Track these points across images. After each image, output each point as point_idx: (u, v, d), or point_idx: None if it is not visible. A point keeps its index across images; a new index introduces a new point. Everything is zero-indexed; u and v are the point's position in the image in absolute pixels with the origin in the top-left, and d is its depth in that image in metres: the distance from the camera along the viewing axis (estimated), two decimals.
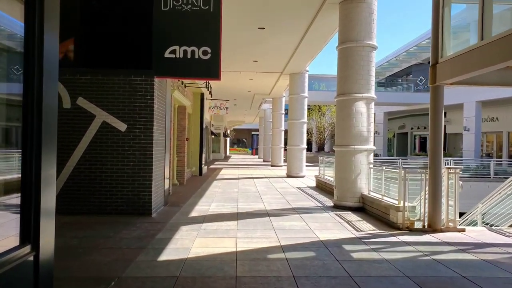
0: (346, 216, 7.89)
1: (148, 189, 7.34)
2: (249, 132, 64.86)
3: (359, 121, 8.65)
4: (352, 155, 8.68)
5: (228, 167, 23.85)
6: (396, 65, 35.10)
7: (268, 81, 19.23)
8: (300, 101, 16.93)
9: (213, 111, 17.50)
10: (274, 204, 9.30)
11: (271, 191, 11.91)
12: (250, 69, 16.33)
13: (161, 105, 8.02)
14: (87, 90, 7.30)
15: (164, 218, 7.33)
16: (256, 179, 15.69)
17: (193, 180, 14.77)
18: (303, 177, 16.86)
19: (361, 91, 8.61)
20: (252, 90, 22.63)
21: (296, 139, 16.92)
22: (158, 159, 7.80)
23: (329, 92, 32.05)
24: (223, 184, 13.48)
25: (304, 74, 16.93)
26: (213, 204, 9.14)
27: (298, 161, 16.90)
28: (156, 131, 7.56)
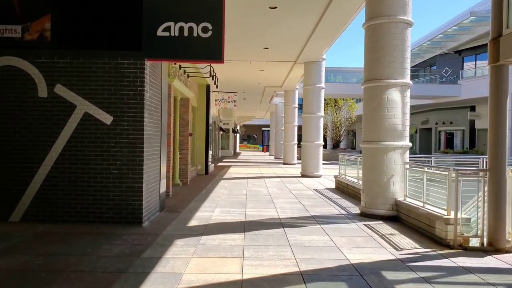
0: (379, 228, 6.52)
1: (138, 193, 6.09)
2: (260, 128, 63.54)
3: (392, 112, 7.25)
4: (383, 153, 7.29)
5: (237, 165, 22.61)
6: (418, 56, 33.22)
7: (280, 72, 17.85)
8: (316, 92, 15.51)
9: (220, 105, 16.22)
10: (289, 210, 7.98)
11: (284, 193, 10.58)
12: (261, 57, 14.97)
13: (155, 94, 6.75)
14: (66, 75, 6.06)
15: (157, 228, 6.07)
16: (267, 179, 14.38)
17: (198, 180, 13.52)
18: (319, 177, 15.48)
19: (394, 75, 7.21)
20: (263, 82, 21.27)
21: (311, 135, 15.54)
22: (151, 157, 6.54)
23: (346, 85, 30.51)
24: (231, 185, 12.20)
25: (321, 63, 15.50)
26: (218, 209, 7.86)
27: (314, 159, 15.52)
28: (148, 124, 6.29)
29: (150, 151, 6.48)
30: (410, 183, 7.29)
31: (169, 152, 9.27)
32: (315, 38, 11.82)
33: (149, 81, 6.34)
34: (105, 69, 6.04)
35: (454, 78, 26.92)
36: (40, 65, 6.05)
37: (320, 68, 15.55)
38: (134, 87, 6.05)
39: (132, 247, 5.13)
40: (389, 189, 7.29)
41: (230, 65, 16.29)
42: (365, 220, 7.18)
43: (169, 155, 9.25)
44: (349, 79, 36.54)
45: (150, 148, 6.44)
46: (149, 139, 6.40)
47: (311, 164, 15.52)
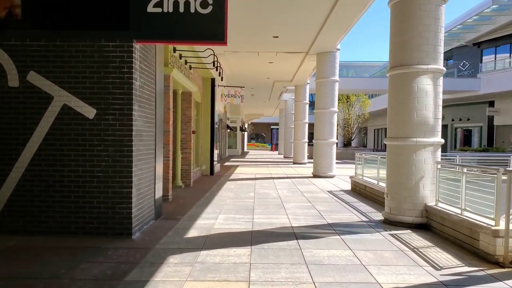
0: (408, 239, 5.53)
1: (127, 200, 5.18)
2: (268, 126, 62.48)
3: (423, 103, 6.24)
4: (412, 151, 6.28)
5: (245, 165, 21.68)
6: None
7: (290, 65, 16.85)
8: (330, 86, 14.48)
9: (226, 100, 15.28)
10: (302, 217, 7.01)
11: (296, 196, 9.61)
12: (270, 48, 13.99)
13: (148, 84, 5.84)
14: (41, 61, 5.18)
15: (149, 241, 5.16)
16: (276, 180, 13.41)
17: (202, 181, 12.62)
18: (332, 177, 14.46)
19: (426, 60, 6.20)
20: (272, 77, 20.29)
21: (324, 132, 14.51)
22: (143, 158, 5.63)
23: (360, 79, 29.34)
24: (237, 187, 11.26)
25: (335, 54, 14.45)
26: (221, 216, 6.92)
27: (327, 159, 14.50)
28: (138, 118, 5.38)
29: (142, 150, 5.57)
30: (441, 186, 6.28)
31: (168, 151, 8.37)
32: (329, 24, 10.80)
33: (140, 67, 5.42)
34: (87, 53, 5.14)
35: (473, 71, 25.59)
36: (9, 49, 5.18)
37: (334, 60, 14.51)
38: (121, 74, 5.14)
39: (115, 267, 4.23)
40: (418, 192, 6.29)
41: (237, 57, 15.34)
42: (390, 228, 6.19)
43: (168, 154, 8.35)
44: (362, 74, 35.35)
45: (141, 146, 5.53)
46: (140, 136, 5.49)
47: (324, 164, 14.51)
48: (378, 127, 44.16)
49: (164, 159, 8.29)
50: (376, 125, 42.49)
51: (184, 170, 10.98)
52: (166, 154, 8.32)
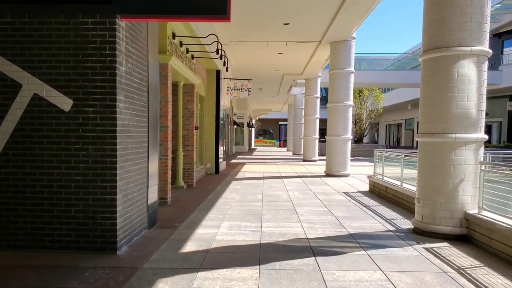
0: (449, 255, 4.57)
1: (110, 208, 4.31)
2: (276, 122, 61.52)
3: (464, 92, 5.25)
4: (450, 149, 5.31)
5: (252, 162, 20.77)
6: None
7: (301, 56, 15.85)
8: (345, 77, 13.46)
9: (232, 94, 14.37)
10: (318, 225, 6.07)
11: (309, 198, 8.67)
12: (279, 37, 13.02)
13: (138, 71, 4.95)
14: (5, 42, 4.31)
15: (138, 258, 4.28)
16: (286, 179, 12.48)
17: (206, 180, 11.74)
18: (347, 176, 13.48)
19: (469, 41, 5.21)
20: (281, 70, 19.31)
21: (338, 128, 13.52)
22: (131, 158, 4.74)
23: (373, 72, 28.14)
24: (244, 187, 10.36)
25: (350, 43, 13.43)
26: (225, 223, 6.02)
27: (341, 156, 13.51)
28: (124, 110, 4.49)
29: (130, 149, 4.69)
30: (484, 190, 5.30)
31: (167, 149, 7.49)
32: (346, 8, 9.79)
33: (126, 50, 4.53)
34: (61, 31, 4.25)
35: (493, 63, 24.27)
36: None
37: (349, 49, 13.48)
38: (102, 58, 4.25)
39: None
40: (456, 198, 5.33)
41: (244, 48, 14.39)
42: (423, 240, 5.23)
43: (166, 152, 7.48)
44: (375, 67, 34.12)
45: (129, 144, 4.65)
46: (128, 132, 4.61)
47: (338, 162, 13.53)
48: (390, 122, 42.87)
49: (162, 158, 7.43)
50: (388, 120, 41.22)
51: (186, 169, 10.11)
52: (164, 152, 7.45)
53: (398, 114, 39.57)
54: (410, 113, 36.64)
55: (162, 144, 7.41)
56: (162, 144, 7.41)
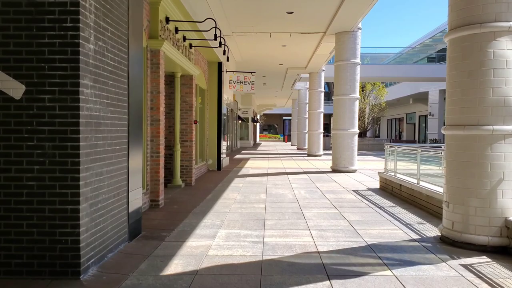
0: (499, 278, 3.69)
1: (72, 221, 3.48)
2: (280, 117, 60.73)
3: (503, 76, 4.38)
4: (486, 143, 4.45)
5: (257, 157, 19.93)
6: None
7: (305, 48, 14.94)
8: (351, 69, 12.56)
9: (235, 87, 13.50)
10: (330, 233, 5.22)
11: (316, 198, 7.82)
12: (283, 27, 12.12)
13: (113, 51, 4.10)
14: None
15: (106, 284, 3.44)
16: (291, 176, 11.63)
17: (207, 178, 10.92)
18: (354, 171, 12.61)
19: (507, 15, 4.33)
20: (285, 63, 18.41)
21: (344, 122, 12.63)
22: (103, 157, 3.91)
23: (376, 67, 27.18)
24: (246, 185, 9.53)
25: (356, 33, 12.52)
26: (222, 231, 5.19)
27: (348, 151, 12.63)
28: (92, 98, 3.66)
29: (101, 146, 3.85)
30: None
31: (159, 145, 6.65)
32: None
33: (95, 23, 3.69)
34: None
35: None
36: None
37: (355, 40, 12.58)
38: (62, 32, 3.41)
39: None
40: (494, 202, 4.46)
41: (247, 40, 13.52)
42: (457, 253, 4.37)
43: (158, 149, 6.64)
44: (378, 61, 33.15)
45: (100, 140, 3.82)
46: (98, 125, 3.77)
47: (344, 157, 12.66)
48: (391, 117, 41.87)
49: (154, 155, 6.61)
50: (390, 115, 40.21)
51: (184, 167, 9.29)
52: (156, 148, 6.62)
53: (399, 108, 38.67)
54: (412, 107, 35.82)
55: (153, 140, 6.59)
56: (153, 140, 6.59)
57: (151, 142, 6.54)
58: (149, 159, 6.52)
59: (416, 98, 32.36)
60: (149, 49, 6.40)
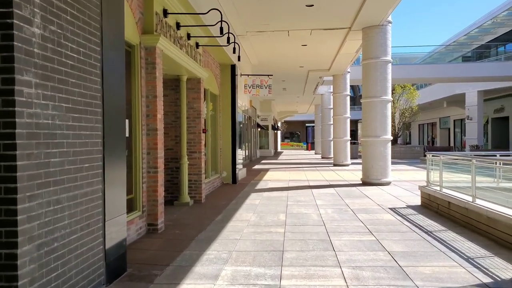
0: None
1: (8, 271, 2.46)
2: (303, 124, 59.36)
3: None
4: None
5: (277, 168, 18.77)
6: (489, 32, 27.54)
7: (328, 47, 13.77)
8: (381, 68, 11.28)
9: (250, 92, 12.47)
10: (368, 272, 4.00)
11: (347, 219, 6.59)
12: (302, 24, 11.03)
13: (74, 39, 3.11)
14: None
15: None
16: (316, 190, 10.41)
17: (220, 193, 9.86)
18: (388, 184, 11.25)
19: None
20: (306, 65, 17.27)
21: (375, 127, 11.33)
22: (61, 178, 2.89)
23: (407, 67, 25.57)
24: (263, 202, 8.39)
25: (386, 28, 11.26)
26: (227, 269, 4.06)
27: (381, 161, 11.29)
28: (37, 101, 2.65)
29: (57, 165, 2.85)
30: None
31: (157, 159, 5.63)
32: None
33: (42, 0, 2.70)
34: None
35: None
36: None
37: (385, 35, 11.31)
38: None
39: None
40: None
41: (263, 40, 12.49)
42: None
43: (156, 163, 5.62)
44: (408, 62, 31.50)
45: (54, 158, 2.81)
46: (50, 137, 2.77)
47: (377, 167, 11.32)
48: (423, 122, 39.69)
49: (151, 171, 5.60)
50: (421, 120, 38.11)
51: (193, 181, 8.27)
52: (153, 163, 5.61)
53: (432, 112, 36.60)
54: (446, 111, 33.77)
55: (150, 153, 5.58)
56: (150, 153, 5.58)
57: (147, 155, 5.54)
58: (145, 175, 5.51)
59: (451, 101, 30.37)
60: (143, 47, 5.44)
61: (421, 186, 8.19)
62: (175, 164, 8.21)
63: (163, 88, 8.21)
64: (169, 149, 8.27)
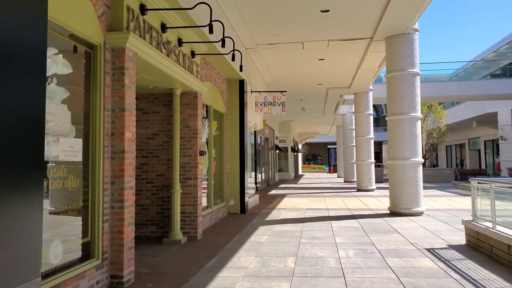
0: None
1: None
2: (325, 145, 57.60)
3: None
4: None
5: (295, 193, 17.27)
6: None
7: (348, 61, 12.50)
8: (408, 81, 9.87)
9: (262, 110, 11.25)
10: None
11: (373, 268, 5.10)
12: (318, 34, 9.85)
13: None
14: None
15: None
16: (336, 222, 8.90)
17: (222, 226, 8.51)
18: (420, 214, 9.62)
19: None
20: (325, 83, 16.00)
21: (404, 148, 9.81)
22: None
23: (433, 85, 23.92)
24: (271, 240, 6.99)
25: (413, 36, 9.92)
26: None
27: (411, 187, 9.70)
28: None
29: None
30: None
31: (123, 190, 4.39)
32: None
33: None
34: None
35: None
36: None
37: (411, 44, 9.96)
38: None
39: None
40: None
41: (276, 53, 11.38)
42: None
43: (122, 195, 4.36)
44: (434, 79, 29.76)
45: None
46: None
47: (407, 195, 9.72)
48: (451, 143, 37.23)
49: (115, 206, 4.37)
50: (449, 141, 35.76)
51: (186, 214, 6.98)
52: (118, 194, 4.36)
53: (460, 133, 34.31)
54: (475, 131, 31.47)
55: (114, 182, 4.36)
56: (114, 182, 4.36)
57: (111, 185, 4.32)
58: (108, 211, 4.27)
59: (481, 120, 28.27)
60: (109, 47, 4.32)
61: (466, 220, 6.59)
62: (166, 193, 6.99)
63: (154, 104, 7.16)
64: (159, 175, 7.07)
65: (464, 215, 9.67)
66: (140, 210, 7.09)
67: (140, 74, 5.56)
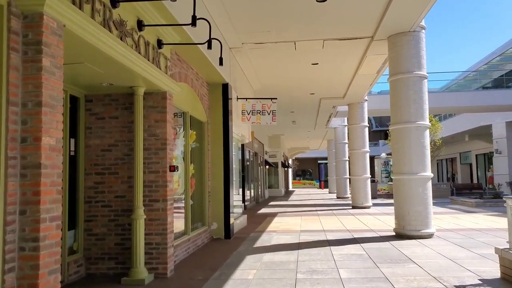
0: None
1: None
2: (315, 161, 56.53)
3: None
4: None
5: (287, 211, 15.86)
6: None
7: (344, 65, 11.33)
8: (414, 85, 8.70)
9: (249, 119, 9.92)
10: None
11: None
12: (312, 32, 8.65)
13: None
14: None
15: None
16: (336, 249, 7.50)
17: (202, 256, 7.04)
18: (430, 236, 8.34)
19: None
20: (318, 92, 14.83)
21: (411, 161, 8.56)
22: None
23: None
24: (259, 276, 5.56)
25: (419, 34, 8.81)
26: None
27: (420, 205, 8.39)
28: None
29: None
30: None
31: (40, 222, 2.98)
32: None
33: None
34: None
35: None
36: None
37: (418, 44, 8.84)
38: None
39: None
40: None
41: (264, 55, 10.16)
42: None
43: (37, 230, 2.95)
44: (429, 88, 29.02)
45: None
46: None
47: (415, 215, 8.42)
48: (441, 157, 36.25)
49: (27, 247, 2.94)
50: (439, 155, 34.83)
51: (153, 246, 5.52)
52: (32, 230, 2.93)
53: (451, 147, 33.49)
54: (467, 145, 30.69)
55: (25, 212, 2.93)
56: (25, 212, 2.93)
57: (19, 216, 2.91)
58: (15, 255, 2.84)
59: (474, 134, 27.51)
60: (17, 12, 2.96)
61: (502, 249, 5.29)
62: (127, 219, 5.54)
63: (111, 107, 5.74)
64: (119, 197, 5.64)
65: (479, 236, 8.43)
66: (94, 241, 5.63)
67: (83, 63, 4.21)
